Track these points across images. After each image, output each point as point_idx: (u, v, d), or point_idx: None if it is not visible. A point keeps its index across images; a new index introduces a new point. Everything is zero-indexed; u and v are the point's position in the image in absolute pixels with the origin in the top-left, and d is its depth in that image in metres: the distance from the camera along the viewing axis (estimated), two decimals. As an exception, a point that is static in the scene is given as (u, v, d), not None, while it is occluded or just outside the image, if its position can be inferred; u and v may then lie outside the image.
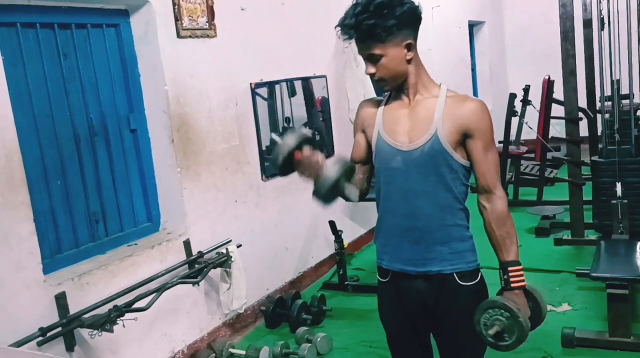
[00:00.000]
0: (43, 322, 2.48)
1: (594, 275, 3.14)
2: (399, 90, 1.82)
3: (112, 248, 3.05)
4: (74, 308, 2.61)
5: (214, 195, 3.51)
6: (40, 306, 2.51)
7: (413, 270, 1.84)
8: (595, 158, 4.25)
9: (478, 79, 8.66)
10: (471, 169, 1.80)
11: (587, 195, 4.49)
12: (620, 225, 3.73)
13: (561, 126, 5.18)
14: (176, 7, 3.22)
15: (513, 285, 1.75)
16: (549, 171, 6.36)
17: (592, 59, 5.06)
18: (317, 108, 4.61)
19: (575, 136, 4.55)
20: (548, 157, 6.10)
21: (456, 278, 1.81)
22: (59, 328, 2.53)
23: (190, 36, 3.32)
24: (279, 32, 4.07)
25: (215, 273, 3.40)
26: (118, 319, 2.69)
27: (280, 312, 3.75)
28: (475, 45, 8.67)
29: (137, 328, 2.90)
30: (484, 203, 1.80)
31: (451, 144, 1.75)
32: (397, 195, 1.82)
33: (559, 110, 5.31)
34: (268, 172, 3.93)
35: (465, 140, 1.76)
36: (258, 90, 3.87)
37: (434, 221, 1.79)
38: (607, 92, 4.27)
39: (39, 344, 2.44)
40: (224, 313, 3.48)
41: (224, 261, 3.34)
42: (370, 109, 1.90)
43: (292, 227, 4.17)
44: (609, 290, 3.07)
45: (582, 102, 4.87)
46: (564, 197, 4.96)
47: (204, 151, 3.43)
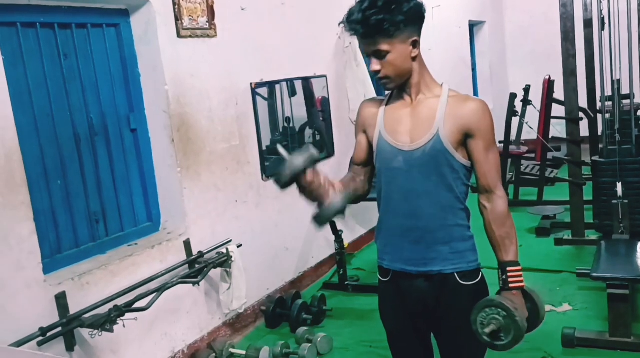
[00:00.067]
0: (43, 322, 2.48)
1: (594, 275, 3.14)
2: (401, 89, 1.81)
3: (113, 248, 3.05)
4: (74, 308, 2.61)
5: (214, 195, 3.50)
6: (40, 306, 2.51)
7: (414, 270, 1.84)
8: (595, 158, 4.25)
9: (478, 78, 8.65)
10: (472, 168, 1.80)
11: (587, 195, 4.49)
12: (621, 225, 3.73)
13: (562, 126, 5.19)
14: (176, 6, 3.22)
15: (511, 286, 1.75)
16: (549, 171, 6.35)
17: (592, 59, 5.05)
18: (317, 108, 4.61)
19: (575, 136, 4.55)
20: (548, 157, 6.10)
21: (457, 278, 1.81)
22: (59, 328, 2.53)
23: (190, 36, 3.32)
24: (279, 32, 4.07)
25: (215, 273, 3.39)
26: (118, 319, 2.69)
27: (281, 312, 3.75)
28: (475, 45, 8.67)
29: (137, 328, 2.89)
30: (485, 203, 1.80)
31: (453, 144, 1.74)
32: (398, 195, 1.81)
33: (559, 110, 5.31)
34: (268, 172, 3.93)
35: (467, 140, 1.76)
36: (258, 90, 3.86)
37: (435, 221, 1.79)
38: (608, 92, 4.26)
39: (39, 344, 2.44)
40: (224, 313, 3.48)
41: (224, 261, 3.34)
42: (372, 109, 1.89)
43: (293, 227, 4.17)
44: (609, 290, 3.07)
45: (583, 102, 4.87)
46: (565, 197, 4.96)
47: (204, 151, 3.43)
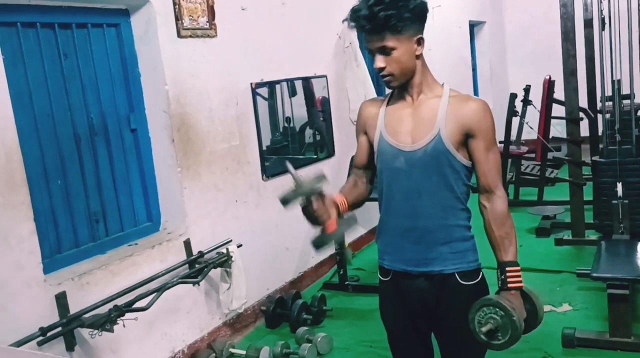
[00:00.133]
0: (43, 322, 2.48)
1: (594, 275, 3.14)
2: (402, 89, 1.81)
3: (113, 248, 3.05)
4: (74, 308, 2.61)
5: (215, 195, 3.50)
6: (40, 306, 2.51)
7: (415, 270, 1.84)
8: (596, 158, 4.25)
9: (479, 79, 8.65)
10: (473, 168, 1.80)
11: (587, 195, 4.49)
12: (621, 226, 3.73)
13: (562, 126, 5.19)
14: (177, 6, 3.22)
15: (510, 286, 1.75)
16: (549, 171, 6.35)
17: (592, 59, 5.05)
18: (317, 108, 4.61)
19: (576, 136, 4.55)
20: (549, 157, 6.10)
21: (457, 278, 1.81)
22: (59, 328, 2.53)
23: (190, 36, 3.32)
24: (280, 32, 4.07)
25: (215, 273, 3.39)
26: (118, 319, 2.69)
27: (281, 312, 3.75)
28: (475, 45, 8.67)
29: (137, 328, 2.90)
30: (485, 203, 1.80)
31: (454, 144, 1.75)
32: (399, 195, 1.82)
33: (559, 110, 5.31)
34: (268, 172, 3.93)
35: (468, 140, 1.76)
36: (258, 90, 3.86)
37: (436, 221, 1.79)
38: (608, 92, 4.26)
39: (39, 344, 2.44)
40: (224, 313, 3.48)
41: (224, 261, 3.34)
42: (372, 109, 1.89)
43: (293, 227, 4.16)
44: (609, 291, 3.07)
45: (583, 102, 4.87)
46: (565, 197, 4.96)
47: (205, 151, 3.43)
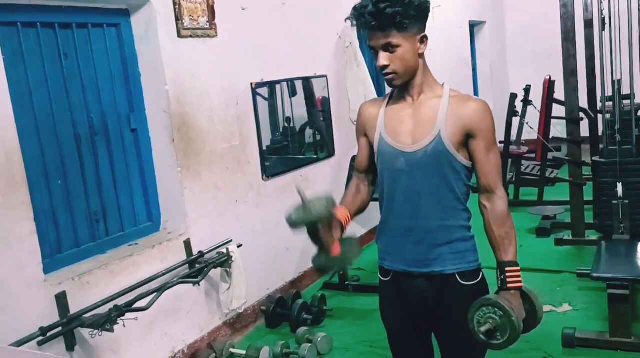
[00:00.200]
0: (43, 322, 2.48)
1: (594, 275, 3.14)
2: (403, 89, 1.81)
3: (113, 247, 3.05)
4: (74, 308, 2.61)
5: (215, 194, 3.50)
6: (40, 306, 2.51)
7: (416, 271, 1.84)
8: (596, 158, 4.25)
9: (479, 79, 8.65)
10: (473, 169, 1.80)
11: (587, 195, 4.49)
12: (621, 226, 3.73)
13: (562, 126, 5.19)
14: (177, 6, 3.22)
15: (510, 286, 1.75)
16: (549, 171, 6.35)
17: (593, 59, 5.05)
18: (317, 108, 4.61)
19: (576, 136, 4.54)
20: (549, 157, 6.10)
21: (457, 278, 1.81)
22: (60, 328, 2.53)
23: (191, 36, 3.32)
24: (280, 32, 4.07)
25: (215, 273, 3.39)
26: (118, 319, 2.69)
27: (281, 312, 3.75)
28: (476, 45, 8.67)
29: (137, 328, 2.90)
30: (485, 203, 1.80)
31: (454, 144, 1.75)
32: (400, 196, 1.81)
33: (559, 110, 5.31)
34: (269, 171, 3.93)
35: (468, 141, 1.76)
36: (259, 90, 3.87)
37: (436, 222, 1.79)
38: (608, 92, 4.26)
39: (40, 344, 2.44)
40: (225, 313, 3.48)
41: (224, 261, 3.34)
42: (372, 110, 1.89)
43: (293, 227, 4.16)
44: (609, 291, 3.07)
45: (583, 102, 4.87)
46: (565, 197, 4.96)
47: (205, 151, 3.43)
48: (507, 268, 1.76)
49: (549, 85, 6.02)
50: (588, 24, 4.95)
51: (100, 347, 2.75)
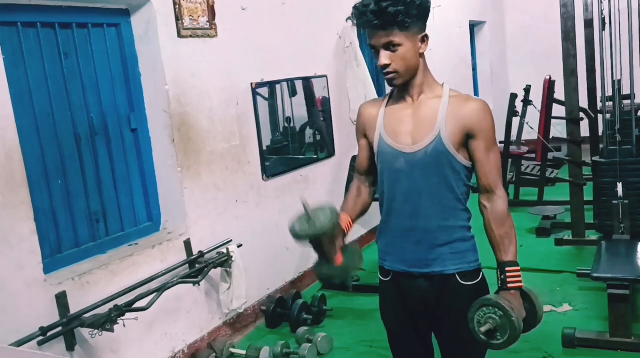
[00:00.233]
0: (44, 322, 2.48)
1: (594, 275, 3.14)
2: (403, 89, 1.81)
3: (113, 247, 3.05)
4: (74, 308, 2.61)
5: (215, 194, 3.50)
6: (40, 305, 2.51)
7: (416, 271, 1.84)
8: (596, 158, 4.25)
9: (479, 79, 8.65)
10: (473, 169, 1.80)
11: (588, 195, 4.49)
12: (621, 226, 3.72)
13: (562, 126, 5.18)
14: (177, 6, 3.22)
15: (510, 286, 1.75)
16: (550, 171, 6.35)
17: (593, 59, 5.05)
18: (318, 108, 4.61)
19: (576, 136, 4.54)
20: (549, 157, 6.10)
21: (457, 278, 1.81)
22: (60, 328, 2.53)
23: (191, 36, 3.32)
24: (280, 32, 4.07)
25: (215, 273, 3.39)
26: (119, 319, 2.69)
27: (281, 312, 3.75)
28: (476, 45, 8.67)
29: (137, 328, 2.90)
30: (485, 203, 1.80)
31: (454, 145, 1.74)
32: (400, 196, 1.82)
33: (560, 111, 5.31)
34: (269, 171, 3.93)
35: (468, 141, 1.76)
36: (259, 90, 3.86)
37: (437, 222, 1.79)
38: (609, 92, 4.26)
39: (40, 344, 2.44)
40: (225, 313, 3.48)
41: (224, 261, 3.34)
42: (371, 111, 1.89)
43: (293, 227, 4.16)
44: (609, 291, 3.07)
45: (583, 102, 4.87)
46: (565, 197, 4.96)
47: (205, 151, 3.43)
48: (507, 268, 1.76)
49: (549, 85, 6.02)
50: (588, 24, 4.95)
51: (100, 346, 2.75)
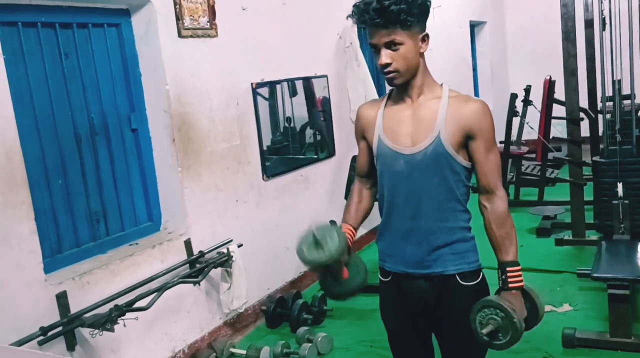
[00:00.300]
0: (44, 321, 2.49)
1: (595, 275, 3.14)
2: (402, 90, 1.80)
3: (113, 247, 3.05)
4: (74, 308, 2.61)
5: (215, 194, 3.51)
6: (41, 305, 2.51)
7: (416, 272, 1.84)
8: (596, 158, 4.25)
9: (479, 79, 8.66)
10: (472, 169, 1.80)
11: (588, 195, 4.49)
12: (622, 226, 3.72)
13: (562, 126, 5.18)
14: (177, 6, 3.22)
15: (511, 286, 1.76)
16: (550, 171, 6.35)
17: (593, 59, 5.05)
18: (318, 108, 4.61)
19: (576, 136, 4.54)
20: (549, 157, 6.10)
21: (458, 279, 1.81)
22: (60, 328, 2.53)
23: (191, 36, 3.32)
24: (280, 31, 4.07)
25: (216, 273, 3.40)
26: (119, 318, 2.69)
27: (281, 312, 3.75)
28: (476, 45, 8.67)
29: (138, 328, 2.90)
30: (485, 203, 1.81)
31: (454, 146, 1.74)
32: (400, 197, 1.82)
33: (560, 111, 5.31)
34: (269, 171, 3.94)
35: (468, 142, 1.76)
36: (259, 90, 3.87)
37: (437, 223, 1.79)
38: (609, 92, 4.26)
39: (40, 343, 2.44)
40: (225, 313, 3.48)
41: (224, 261, 3.34)
42: (370, 112, 1.88)
43: (293, 227, 4.16)
44: (610, 291, 3.07)
45: (584, 102, 4.86)
46: (565, 197, 4.96)
47: (205, 151, 3.43)
48: (508, 268, 1.77)
49: (549, 85, 6.02)
50: (588, 24, 4.95)
51: (100, 346, 2.75)
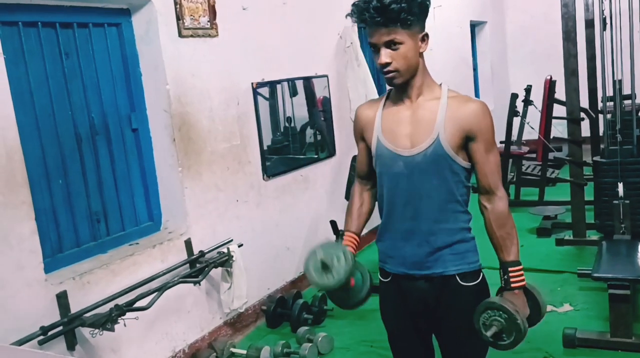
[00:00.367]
0: (44, 321, 2.49)
1: (595, 275, 3.14)
2: (401, 90, 1.80)
3: (114, 247, 3.05)
4: (75, 307, 2.61)
5: (215, 194, 3.51)
6: (41, 305, 2.51)
7: (417, 273, 1.84)
8: (597, 158, 4.24)
9: (479, 79, 8.66)
10: (472, 170, 1.80)
11: (588, 195, 4.48)
12: (622, 226, 3.72)
13: (563, 126, 5.18)
14: (178, 6, 3.23)
15: (513, 285, 1.76)
16: (550, 171, 6.35)
17: (594, 59, 5.05)
18: (318, 108, 4.61)
19: (577, 136, 4.54)
20: (550, 157, 6.10)
21: (458, 279, 1.81)
22: (60, 327, 2.53)
23: (191, 35, 3.32)
24: (281, 31, 4.07)
25: (216, 272, 3.40)
26: (119, 318, 2.69)
27: (282, 312, 3.75)
28: (476, 45, 8.67)
29: (138, 328, 2.90)
30: (485, 203, 1.81)
31: (453, 147, 1.74)
32: (400, 199, 1.81)
33: (560, 110, 5.31)
34: (269, 171, 3.93)
35: (467, 142, 1.75)
36: (259, 89, 3.87)
37: (437, 224, 1.79)
38: (609, 92, 4.26)
39: (40, 343, 2.44)
40: (225, 313, 3.48)
41: (225, 260, 3.34)
42: (368, 113, 1.88)
43: (293, 227, 4.17)
44: (610, 291, 3.06)
45: (584, 102, 4.86)
46: (566, 197, 4.96)
47: (205, 150, 3.43)
48: (509, 268, 1.77)
49: (550, 85, 6.02)
50: (589, 24, 4.95)
51: (100, 346, 2.75)
